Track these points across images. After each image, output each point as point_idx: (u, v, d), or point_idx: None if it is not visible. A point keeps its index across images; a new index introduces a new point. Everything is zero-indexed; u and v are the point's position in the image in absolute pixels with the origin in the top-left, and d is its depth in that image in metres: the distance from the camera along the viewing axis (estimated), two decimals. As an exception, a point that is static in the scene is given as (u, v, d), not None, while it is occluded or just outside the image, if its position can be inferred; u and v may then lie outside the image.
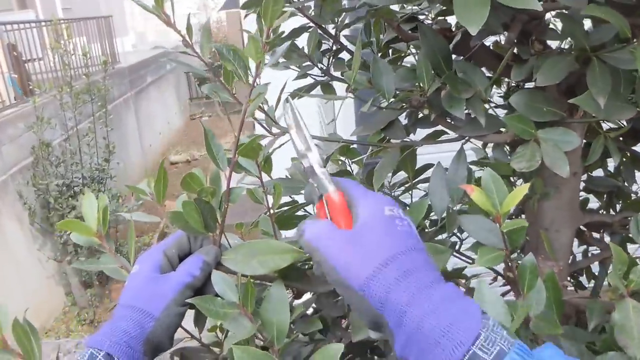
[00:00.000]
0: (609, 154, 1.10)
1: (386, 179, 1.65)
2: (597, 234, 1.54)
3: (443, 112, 0.99)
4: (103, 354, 0.74)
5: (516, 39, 0.99)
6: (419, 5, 1.12)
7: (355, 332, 0.92)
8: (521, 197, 0.70)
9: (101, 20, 9.30)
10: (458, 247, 1.45)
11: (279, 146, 1.16)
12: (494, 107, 1.41)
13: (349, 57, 1.33)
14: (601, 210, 1.57)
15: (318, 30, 1.21)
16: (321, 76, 1.29)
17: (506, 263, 0.84)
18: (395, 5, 1.16)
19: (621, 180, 1.52)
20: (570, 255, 1.34)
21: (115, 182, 6.64)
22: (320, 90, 1.32)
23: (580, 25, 0.87)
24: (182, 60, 1.16)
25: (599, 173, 1.53)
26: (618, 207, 1.55)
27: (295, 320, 1.02)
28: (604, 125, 1.25)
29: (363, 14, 1.21)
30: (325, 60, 1.28)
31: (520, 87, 1.44)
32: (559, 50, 0.98)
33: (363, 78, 0.98)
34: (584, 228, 1.49)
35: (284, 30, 1.23)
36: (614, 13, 0.72)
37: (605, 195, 1.53)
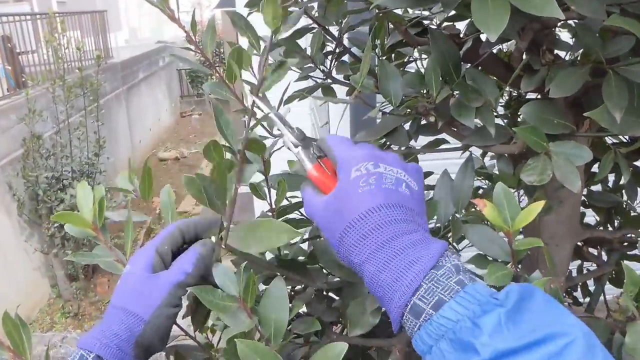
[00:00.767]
0: (611, 169, 1.08)
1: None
2: (594, 250, 1.52)
3: (449, 120, 0.96)
4: (93, 356, 0.73)
5: (527, 49, 0.96)
6: (430, 10, 1.09)
7: (352, 328, 0.90)
8: (535, 215, 0.67)
9: (95, 14, 9.23)
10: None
11: (279, 148, 1.13)
12: (495, 117, 1.39)
13: (352, 60, 1.30)
14: (599, 226, 1.55)
15: (322, 32, 1.18)
16: (322, 79, 1.26)
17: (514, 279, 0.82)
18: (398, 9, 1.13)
19: (619, 195, 1.50)
20: (567, 270, 1.32)
21: (105, 177, 6.59)
22: (320, 92, 1.29)
23: (596, 36, 0.85)
24: (182, 57, 1.13)
25: (596, 187, 1.52)
26: (616, 223, 1.53)
27: (292, 319, 0.99)
28: (607, 140, 1.23)
29: (368, 17, 1.18)
30: (328, 63, 1.25)
31: (521, 97, 1.42)
32: (571, 62, 0.96)
33: (370, 82, 0.95)
34: (581, 243, 1.47)
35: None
36: (637, 25, 0.69)
37: (605, 211, 1.51)
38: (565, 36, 1.10)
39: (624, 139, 1.26)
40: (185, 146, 10.90)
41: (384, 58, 1.25)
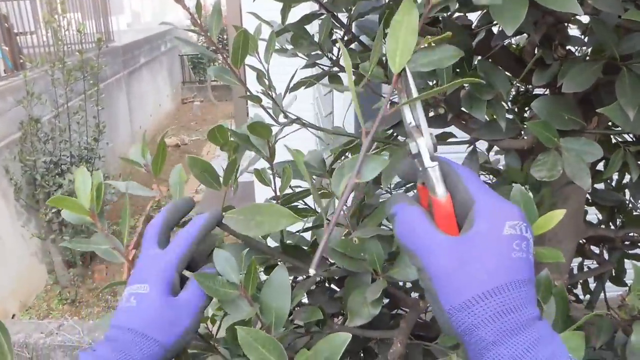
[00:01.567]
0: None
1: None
2: (596, 248, 1.51)
3: (458, 113, 0.95)
4: None
5: (539, 43, 0.95)
6: None
7: (353, 318, 0.89)
8: (554, 224, 0.65)
9: (98, -3, 9.17)
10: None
11: (284, 135, 1.12)
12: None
13: (361, 49, 1.29)
14: (601, 225, 1.54)
15: (331, 18, 1.16)
16: (329, 66, 1.25)
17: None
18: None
19: (622, 194, 1.50)
20: (570, 267, 1.31)
21: (104, 162, 6.55)
22: (327, 81, 1.27)
23: (612, 32, 0.83)
24: (186, 40, 1.11)
25: (599, 185, 1.51)
26: (618, 222, 1.52)
27: (293, 309, 0.99)
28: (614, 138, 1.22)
29: (379, 5, 1.16)
30: (335, 51, 1.24)
31: (529, 92, 1.41)
32: (584, 57, 0.94)
33: (380, 71, 0.93)
34: (583, 241, 1.47)
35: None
36: (655, 20, 0.68)
37: (608, 209, 1.50)
38: (574, 32, 1.09)
39: (630, 138, 1.25)
40: (186, 133, 10.87)
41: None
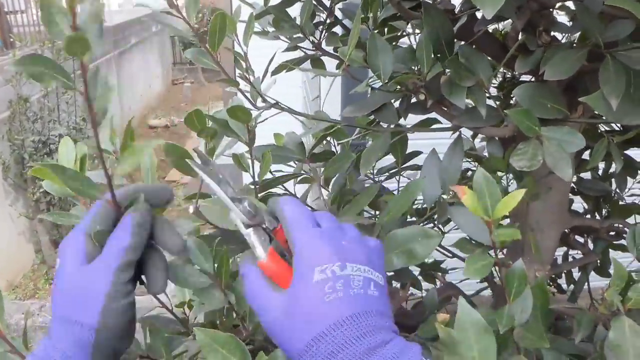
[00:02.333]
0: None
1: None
2: (581, 238, 1.50)
3: (439, 99, 0.92)
4: None
5: (522, 29, 0.93)
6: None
7: None
8: (516, 204, 0.64)
9: (88, -25, 9.01)
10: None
11: (263, 120, 1.10)
12: (487, 98, 1.36)
13: (343, 32, 1.26)
14: (587, 214, 1.52)
15: (313, 1, 1.13)
16: (312, 50, 1.22)
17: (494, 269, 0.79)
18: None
19: (609, 184, 1.48)
20: (553, 257, 1.30)
21: (92, 142, 6.48)
22: (309, 64, 1.25)
23: (596, 18, 0.81)
24: (170, 24, 1.09)
25: (586, 175, 1.49)
26: (604, 212, 1.51)
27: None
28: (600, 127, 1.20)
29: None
30: (318, 34, 1.21)
31: (515, 79, 1.38)
32: (569, 44, 0.92)
33: (359, 55, 0.91)
34: (568, 230, 1.45)
35: None
36: (638, 6, 0.66)
37: (594, 199, 1.49)
38: (563, 19, 1.07)
39: (616, 127, 1.23)
40: (175, 114, 10.78)
41: (376, 32, 1.21)
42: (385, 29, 1.27)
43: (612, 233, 1.42)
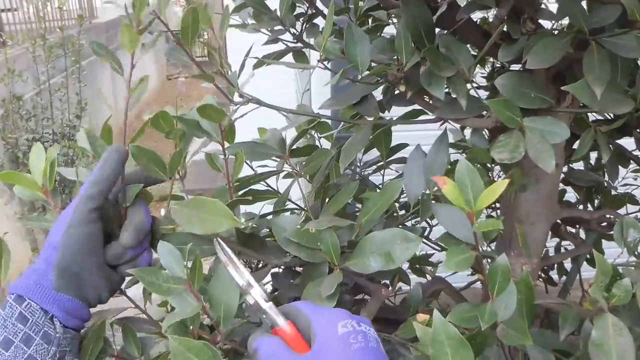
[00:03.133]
0: (593, 146, 1.02)
1: (358, 156, 1.56)
2: (573, 229, 1.48)
3: (421, 90, 0.90)
4: (13, 297, 0.70)
5: (506, 16, 0.90)
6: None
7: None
8: (498, 195, 0.61)
9: (80, -29, 8.98)
10: (427, 233, 1.38)
11: (241, 115, 1.08)
12: (476, 88, 1.33)
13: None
14: (579, 205, 1.50)
15: (293, -8, 1.10)
16: (293, 42, 1.19)
17: (477, 263, 0.77)
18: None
19: (601, 174, 1.46)
20: (543, 249, 1.27)
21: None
22: (292, 57, 1.22)
23: (579, 4, 0.78)
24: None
25: (578, 165, 1.47)
26: (596, 202, 1.48)
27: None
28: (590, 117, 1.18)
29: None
30: (299, 26, 1.18)
31: (506, 69, 1.35)
32: (554, 32, 0.89)
33: (336, 47, 0.88)
34: (560, 222, 1.43)
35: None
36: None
37: (584, 190, 1.46)
38: (554, 7, 1.04)
39: (609, 116, 1.20)
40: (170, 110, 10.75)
41: (359, 23, 1.18)
42: (370, 19, 1.24)
43: (604, 224, 1.40)
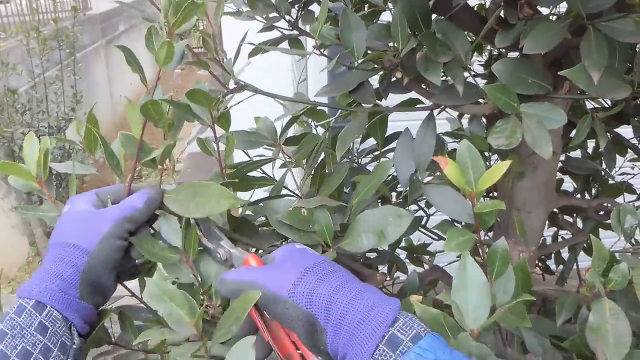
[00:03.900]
0: (590, 134, 1.02)
1: (355, 145, 1.56)
2: (570, 218, 1.47)
3: (417, 77, 0.89)
4: (33, 303, 0.67)
5: (503, 1, 0.89)
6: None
7: None
8: (500, 176, 0.61)
9: (73, -37, 8.93)
10: (424, 222, 1.38)
11: (237, 102, 1.07)
12: (474, 76, 1.32)
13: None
14: (576, 194, 1.50)
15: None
16: (289, 29, 1.18)
17: (476, 246, 0.76)
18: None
19: (599, 163, 1.45)
20: (541, 238, 1.27)
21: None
22: (287, 45, 1.21)
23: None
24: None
25: (576, 154, 1.46)
26: (594, 191, 1.48)
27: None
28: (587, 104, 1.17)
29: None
30: (295, 13, 1.17)
31: (503, 57, 1.35)
32: (552, 17, 0.88)
33: (331, 33, 0.87)
34: (557, 210, 1.43)
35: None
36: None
37: (582, 178, 1.46)
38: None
39: (606, 103, 1.20)
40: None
41: (354, 9, 1.17)
42: (366, 5, 1.23)
43: (601, 213, 1.40)
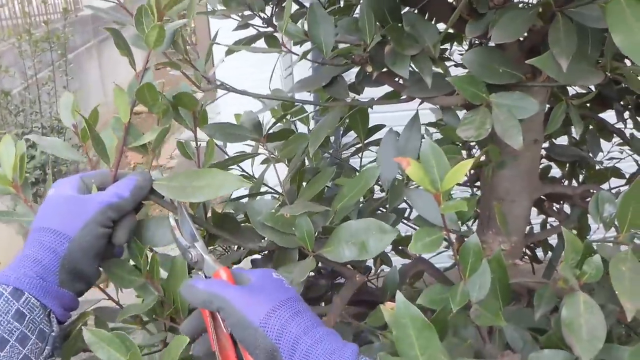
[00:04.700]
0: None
1: (337, 139, 1.55)
2: (558, 205, 1.46)
3: (389, 70, 0.88)
4: (10, 290, 0.65)
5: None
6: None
7: None
8: (464, 174, 0.60)
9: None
10: (408, 214, 1.37)
11: (212, 101, 1.06)
12: (454, 66, 1.31)
13: (297, 8, 1.21)
14: (564, 180, 1.49)
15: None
16: (264, 27, 1.17)
17: (450, 243, 0.75)
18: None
19: (586, 149, 1.44)
20: (527, 226, 1.26)
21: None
22: (264, 42, 1.19)
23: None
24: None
25: (563, 140, 1.45)
26: (581, 177, 1.47)
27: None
28: (571, 90, 1.16)
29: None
30: (270, 10, 1.16)
31: (485, 46, 1.33)
32: (522, 5, 0.87)
33: (299, 29, 0.86)
34: (544, 198, 1.42)
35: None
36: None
37: (568, 165, 1.45)
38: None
39: (590, 89, 1.18)
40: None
41: (329, 3, 1.16)
42: (342, 1, 1.22)
43: (588, 199, 1.39)
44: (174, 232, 0.76)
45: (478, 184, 1.37)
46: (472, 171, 1.36)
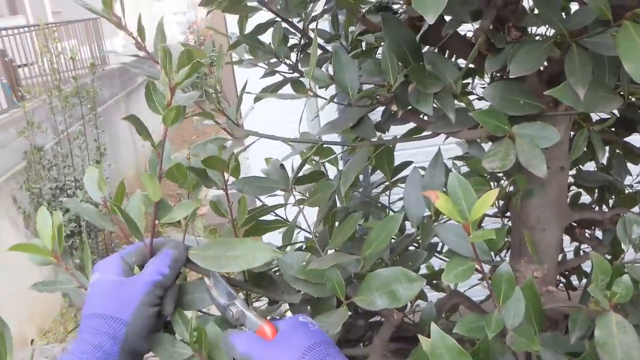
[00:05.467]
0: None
1: (366, 178, 1.58)
2: (589, 231, 1.46)
3: (413, 108, 0.91)
4: None
5: (492, 26, 0.91)
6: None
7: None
8: (490, 204, 0.62)
9: (89, 22, 9.19)
10: (440, 248, 1.38)
11: (244, 148, 1.10)
12: (477, 99, 1.34)
13: (321, 53, 1.25)
14: (594, 206, 1.49)
15: (283, 24, 1.13)
16: (290, 73, 1.21)
17: (482, 273, 0.77)
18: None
19: (614, 174, 1.45)
20: (560, 254, 1.27)
21: (109, 183, 6.55)
22: (290, 88, 1.24)
23: (554, 7, 0.79)
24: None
25: (591, 166, 1.46)
26: (611, 202, 1.47)
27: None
28: (594, 117, 1.18)
29: (329, 7, 1.13)
30: (295, 56, 1.21)
31: (505, 79, 1.36)
32: (539, 38, 0.90)
33: (324, 74, 0.90)
34: (575, 224, 1.42)
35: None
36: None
37: (597, 190, 1.45)
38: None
39: (611, 115, 1.20)
40: (188, 148, 10.85)
41: (351, 48, 1.20)
42: (363, 43, 1.26)
43: (618, 223, 1.39)
44: (210, 293, 0.79)
45: (509, 214, 1.39)
46: (502, 202, 1.38)
